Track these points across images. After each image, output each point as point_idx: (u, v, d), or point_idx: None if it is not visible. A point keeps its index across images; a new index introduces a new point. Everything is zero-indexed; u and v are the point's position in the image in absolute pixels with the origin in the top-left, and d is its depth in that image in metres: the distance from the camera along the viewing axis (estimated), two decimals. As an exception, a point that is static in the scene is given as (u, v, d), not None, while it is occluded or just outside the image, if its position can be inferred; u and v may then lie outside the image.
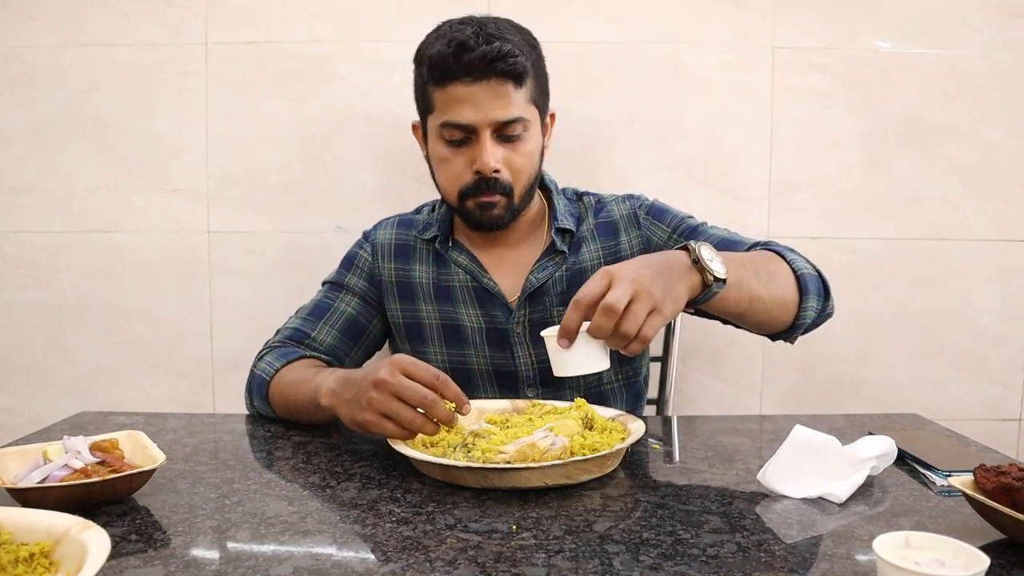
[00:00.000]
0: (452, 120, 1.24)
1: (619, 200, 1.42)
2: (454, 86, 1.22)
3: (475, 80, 1.21)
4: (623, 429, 1.04)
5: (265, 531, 0.82)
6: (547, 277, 1.33)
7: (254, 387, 1.29)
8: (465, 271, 1.36)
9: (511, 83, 1.23)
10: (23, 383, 1.77)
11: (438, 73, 1.23)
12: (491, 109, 1.22)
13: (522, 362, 1.32)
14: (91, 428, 1.19)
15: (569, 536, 0.80)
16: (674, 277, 0.99)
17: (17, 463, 0.90)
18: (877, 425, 1.23)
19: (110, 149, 1.72)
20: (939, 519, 0.86)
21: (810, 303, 1.16)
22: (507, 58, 1.20)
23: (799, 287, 1.16)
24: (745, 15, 1.70)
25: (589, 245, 1.36)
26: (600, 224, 1.39)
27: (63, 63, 1.71)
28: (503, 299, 1.34)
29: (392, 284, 1.39)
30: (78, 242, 1.74)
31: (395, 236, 1.42)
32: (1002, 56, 1.71)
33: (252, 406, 1.30)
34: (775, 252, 1.20)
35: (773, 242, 1.27)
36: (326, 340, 1.35)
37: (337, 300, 1.39)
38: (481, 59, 1.20)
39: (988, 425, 1.76)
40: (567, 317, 0.97)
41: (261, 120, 1.72)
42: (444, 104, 1.25)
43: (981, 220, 1.74)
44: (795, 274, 1.16)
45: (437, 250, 1.38)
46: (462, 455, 0.96)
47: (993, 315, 1.76)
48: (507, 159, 1.27)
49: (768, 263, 1.16)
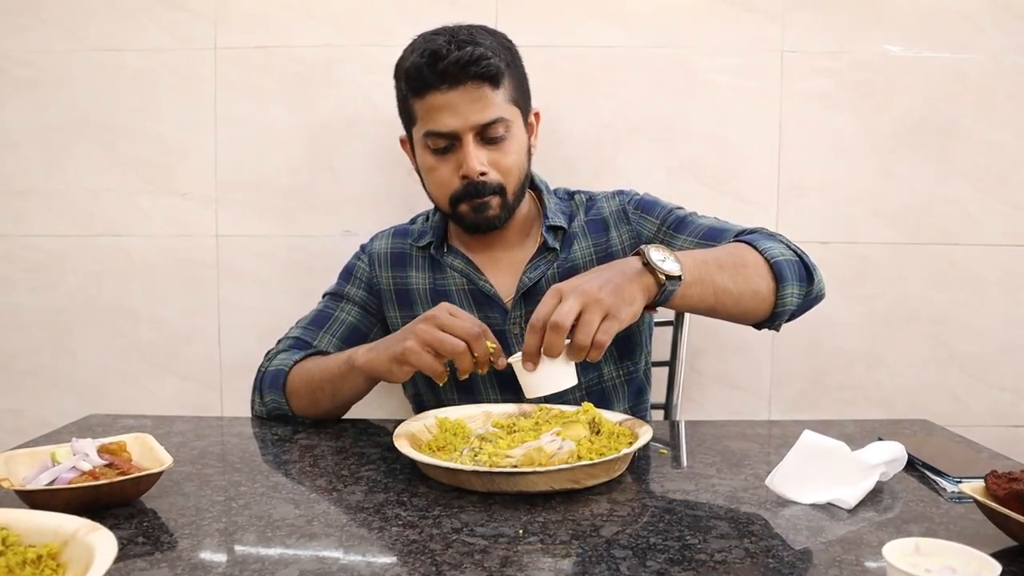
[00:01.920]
0: (434, 128, 1.25)
1: (608, 196, 1.43)
2: (432, 95, 1.24)
3: (451, 86, 1.23)
4: (631, 434, 1.04)
5: (272, 534, 0.82)
6: (540, 275, 1.34)
7: (267, 382, 1.29)
8: (461, 274, 1.37)
9: (487, 85, 1.24)
10: (31, 386, 1.78)
11: (415, 84, 1.25)
12: (470, 113, 1.24)
13: None
14: (99, 430, 1.19)
15: (576, 541, 0.80)
16: (625, 281, 1.02)
17: (25, 465, 0.90)
18: (887, 431, 1.22)
19: (118, 153, 1.73)
20: (950, 526, 0.85)
21: (789, 290, 1.15)
22: (480, 61, 1.22)
23: (774, 275, 1.15)
24: (753, 18, 1.70)
25: (580, 242, 1.37)
26: (591, 221, 1.39)
27: (71, 67, 1.71)
28: (499, 300, 1.35)
29: (391, 292, 1.40)
30: (86, 245, 1.75)
31: (391, 245, 1.43)
32: (1011, 59, 1.70)
33: (262, 403, 1.30)
34: (747, 243, 1.19)
35: (763, 228, 1.26)
36: (328, 349, 1.35)
37: (337, 310, 1.40)
38: (455, 65, 1.21)
39: (999, 431, 1.75)
40: (527, 341, 1.00)
41: (269, 124, 1.72)
42: (425, 114, 1.26)
43: (991, 224, 1.73)
44: (768, 263, 1.15)
45: (433, 256, 1.39)
46: (469, 459, 0.95)
47: (1003, 320, 1.75)
48: (493, 160, 1.28)
49: (737, 255, 1.15)
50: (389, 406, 1.70)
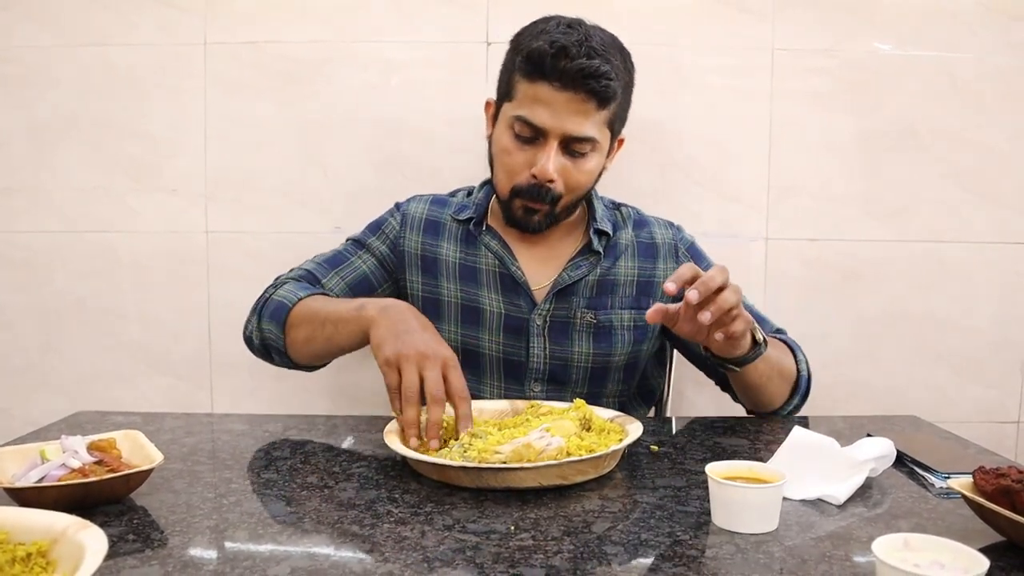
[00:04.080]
0: (527, 117, 1.24)
1: (662, 224, 1.45)
2: (541, 85, 1.22)
3: (563, 88, 1.21)
4: (621, 430, 1.04)
5: (263, 531, 0.82)
6: (580, 276, 1.34)
7: (268, 310, 1.29)
8: (495, 256, 1.36)
9: (594, 102, 1.23)
10: (19, 384, 1.77)
11: (529, 67, 1.23)
12: (567, 120, 1.23)
13: (535, 354, 1.33)
14: (88, 428, 1.18)
15: (567, 537, 0.80)
16: (749, 324, 1.11)
17: (14, 462, 0.90)
18: (876, 427, 1.23)
19: (107, 150, 1.72)
20: (938, 521, 0.86)
21: (795, 401, 1.30)
22: (600, 78, 1.20)
23: (795, 386, 1.29)
24: (744, 18, 1.70)
25: (627, 261, 1.38)
26: (642, 243, 1.41)
27: (60, 63, 1.70)
28: (528, 289, 1.35)
29: (417, 256, 1.39)
30: (74, 243, 1.74)
31: (427, 211, 1.43)
32: (1001, 59, 1.71)
33: (258, 328, 1.32)
34: (788, 345, 1.32)
35: (784, 332, 1.39)
36: (334, 290, 1.36)
37: (355, 256, 1.40)
38: (577, 71, 1.19)
39: (987, 427, 1.76)
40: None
41: (259, 121, 1.71)
42: (525, 98, 1.25)
43: (979, 223, 1.74)
44: (797, 373, 1.29)
45: (470, 231, 1.38)
46: (458, 455, 0.95)
47: (991, 318, 1.76)
48: (565, 171, 1.27)
49: (784, 354, 1.29)
50: (380, 401, 1.69)
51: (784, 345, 1.32)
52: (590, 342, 1.34)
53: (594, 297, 1.35)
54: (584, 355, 1.34)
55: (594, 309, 1.34)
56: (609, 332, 1.35)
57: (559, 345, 1.34)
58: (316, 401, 1.74)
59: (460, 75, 1.69)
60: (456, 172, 1.67)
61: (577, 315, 1.34)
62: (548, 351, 1.33)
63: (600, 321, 1.34)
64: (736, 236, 1.73)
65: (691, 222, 1.53)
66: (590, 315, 1.34)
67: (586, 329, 1.34)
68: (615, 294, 1.36)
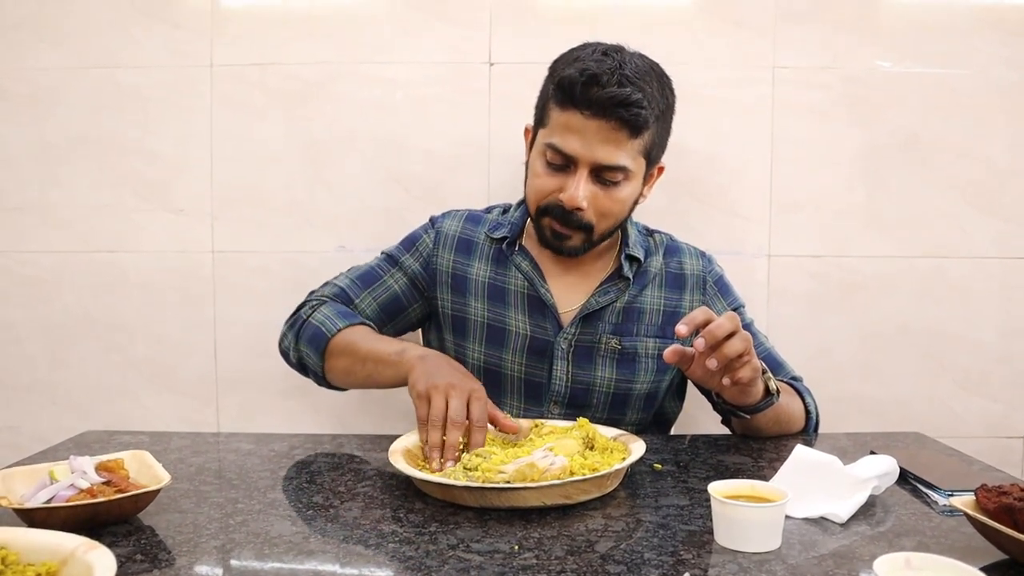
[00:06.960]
0: (557, 145, 1.24)
1: (693, 253, 1.45)
2: (572, 113, 1.22)
3: (593, 116, 1.20)
4: (624, 449, 1.05)
5: (269, 551, 0.82)
6: (608, 302, 1.34)
7: (306, 333, 1.32)
8: (525, 277, 1.36)
9: (626, 131, 1.22)
10: (27, 401, 1.78)
11: (561, 95, 1.23)
12: (597, 149, 1.22)
13: (557, 377, 1.33)
14: (96, 447, 1.19)
15: (571, 556, 0.80)
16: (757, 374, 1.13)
17: (24, 483, 0.91)
18: (879, 443, 1.23)
19: (115, 169, 1.73)
20: (941, 539, 0.86)
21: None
22: (631, 107, 1.19)
23: (803, 430, 1.32)
24: (744, 34, 1.71)
25: (654, 290, 1.38)
26: (670, 273, 1.41)
27: (68, 84, 1.72)
28: (555, 312, 1.35)
29: (448, 275, 1.40)
30: (82, 261, 1.75)
31: (461, 230, 1.43)
32: (1002, 74, 1.72)
33: (295, 349, 1.34)
34: (800, 394, 1.33)
35: (801, 380, 1.40)
36: (365, 311, 1.38)
37: (388, 274, 1.41)
38: (607, 99, 1.18)
39: (992, 443, 1.76)
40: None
41: (265, 140, 1.73)
42: (556, 126, 1.25)
43: (982, 237, 1.74)
44: (806, 422, 1.32)
45: (502, 250, 1.39)
46: (462, 475, 0.96)
47: (995, 332, 1.76)
48: (596, 199, 1.27)
49: (797, 408, 1.31)
50: (386, 420, 1.70)
51: (795, 393, 1.33)
52: (614, 368, 1.34)
53: (620, 323, 1.34)
54: (607, 381, 1.34)
55: (619, 335, 1.34)
56: (633, 359, 1.34)
57: (582, 369, 1.33)
58: (322, 419, 1.75)
59: (463, 95, 1.70)
60: (459, 190, 1.68)
61: (602, 340, 1.33)
62: (571, 375, 1.33)
63: (625, 348, 1.34)
64: (739, 253, 1.73)
65: (694, 239, 1.53)
66: (615, 341, 1.34)
67: (610, 355, 1.34)
68: (641, 321, 1.35)
